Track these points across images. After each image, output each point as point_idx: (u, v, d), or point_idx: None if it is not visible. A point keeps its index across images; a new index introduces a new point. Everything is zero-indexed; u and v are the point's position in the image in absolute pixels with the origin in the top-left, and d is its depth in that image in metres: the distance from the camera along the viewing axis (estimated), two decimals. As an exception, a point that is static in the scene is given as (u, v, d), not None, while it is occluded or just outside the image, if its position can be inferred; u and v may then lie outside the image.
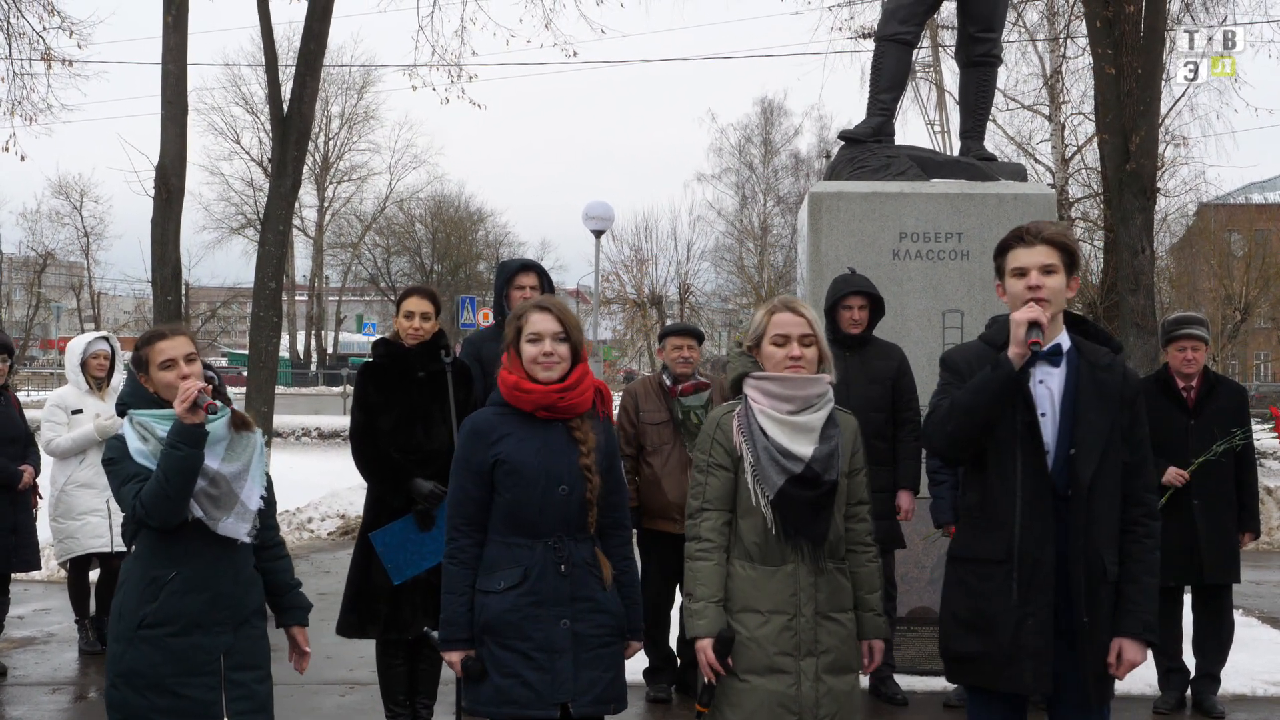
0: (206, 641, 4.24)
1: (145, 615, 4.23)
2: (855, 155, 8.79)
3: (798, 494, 4.05)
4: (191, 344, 4.35)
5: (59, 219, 55.19)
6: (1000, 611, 4.02)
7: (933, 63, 29.60)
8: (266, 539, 4.52)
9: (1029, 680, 4.02)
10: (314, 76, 15.56)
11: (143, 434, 4.24)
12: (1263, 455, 19.84)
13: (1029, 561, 4.01)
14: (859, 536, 4.25)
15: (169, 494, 4.09)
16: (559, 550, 4.17)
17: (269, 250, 15.37)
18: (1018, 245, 4.13)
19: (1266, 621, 9.84)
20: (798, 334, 4.15)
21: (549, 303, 4.32)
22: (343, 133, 61.51)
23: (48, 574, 11.06)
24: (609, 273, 49.18)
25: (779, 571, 4.11)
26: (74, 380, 8.61)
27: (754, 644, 4.07)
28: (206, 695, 4.23)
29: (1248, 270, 38.19)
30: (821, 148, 48.15)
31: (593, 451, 4.23)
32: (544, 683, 4.11)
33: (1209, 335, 7.24)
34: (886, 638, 4.26)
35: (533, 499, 4.16)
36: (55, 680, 7.93)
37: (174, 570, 4.24)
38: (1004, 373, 3.96)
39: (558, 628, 4.14)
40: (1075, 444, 4.04)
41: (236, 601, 4.33)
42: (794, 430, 4.10)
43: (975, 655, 4.09)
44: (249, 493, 4.32)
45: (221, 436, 4.27)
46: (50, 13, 17.09)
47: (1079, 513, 4.01)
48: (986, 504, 4.11)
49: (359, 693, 7.33)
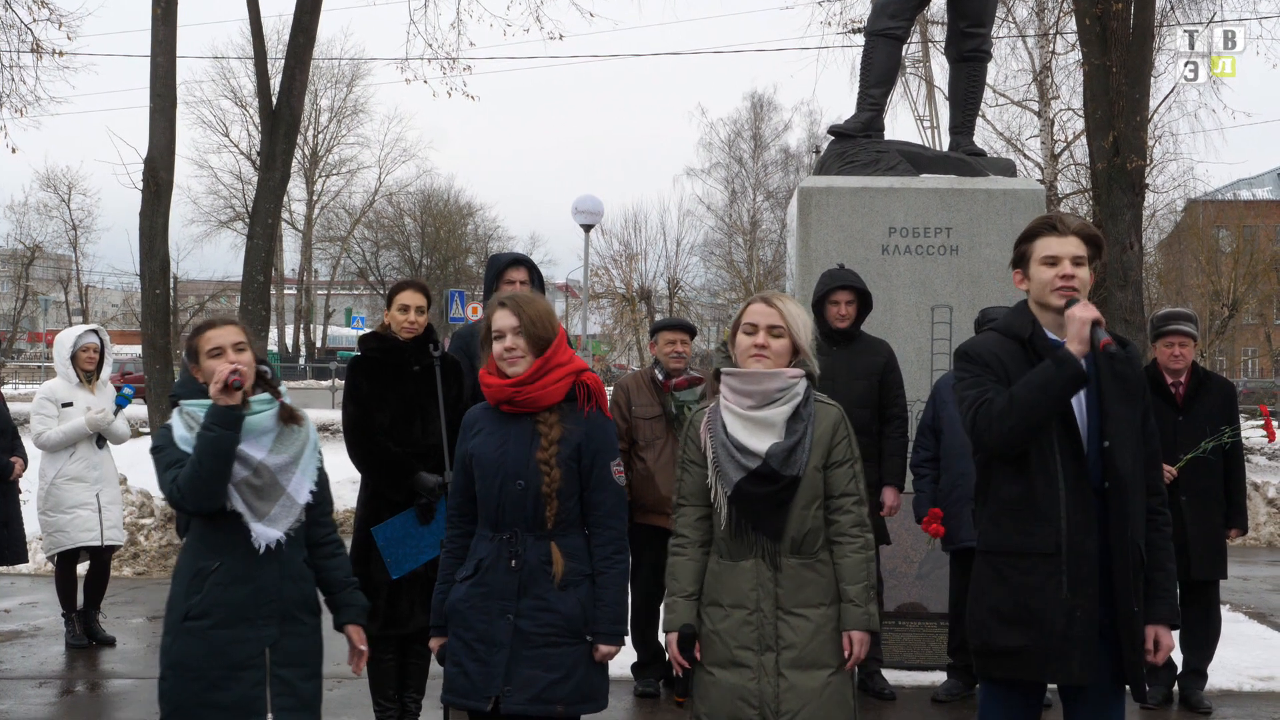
0: (250, 634, 4.22)
1: (190, 607, 4.23)
2: (845, 150, 8.80)
3: (754, 490, 4.05)
4: (241, 333, 4.34)
5: (47, 211, 55.11)
6: (1050, 604, 3.99)
7: (923, 58, 29.69)
8: (319, 536, 4.49)
9: (1076, 671, 4.00)
10: (303, 70, 15.56)
11: (189, 423, 4.25)
12: (1250, 451, 19.87)
13: (1076, 553, 3.99)
14: (843, 528, 4.17)
15: (203, 475, 4.10)
16: (511, 544, 4.19)
17: (257, 244, 15.37)
18: (1049, 234, 4.10)
19: (1253, 617, 9.87)
20: (765, 324, 4.13)
21: (509, 298, 4.29)
22: (332, 126, 61.41)
23: (35, 567, 11.04)
24: (598, 267, 49.24)
25: (738, 566, 4.13)
26: (64, 373, 8.56)
27: (717, 637, 4.11)
28: (250, 691, 4.21)
29: (1236, 266, 38.32)
30: (811, 143, 48.15)
31: (553, 444, 4.18)
32: (480, 674, 4.16)
33: (1197, 331, 7.25)
34: (871, 630, 4.17)
35: (490, 493, 4.19)
36: (42, 674, 7.90)
37: (218, 561, 4.24)
38: (1072, 371, 3.90)
39: (501, 621, 4.15)
40: (1109, 437, 4.02)
41: (281, 595, 4.30)
42: (753, 425, 4.10)
43: (1020, 649, 4.04)
44: (297, 485, 4.31)
45: (269, 428, 4.28)
46: (40, 4, 17.05)
47: (1120, 504, 4.01)
48: (1030, 497, 4.06)
49: (347, 686, 7.31)
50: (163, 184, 14.64)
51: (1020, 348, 4.12)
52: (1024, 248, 4.18)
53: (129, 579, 11.16)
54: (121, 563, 11.08)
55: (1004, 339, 4.19)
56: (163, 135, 14.61)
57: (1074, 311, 3.95)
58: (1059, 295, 4.03)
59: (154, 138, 14.59)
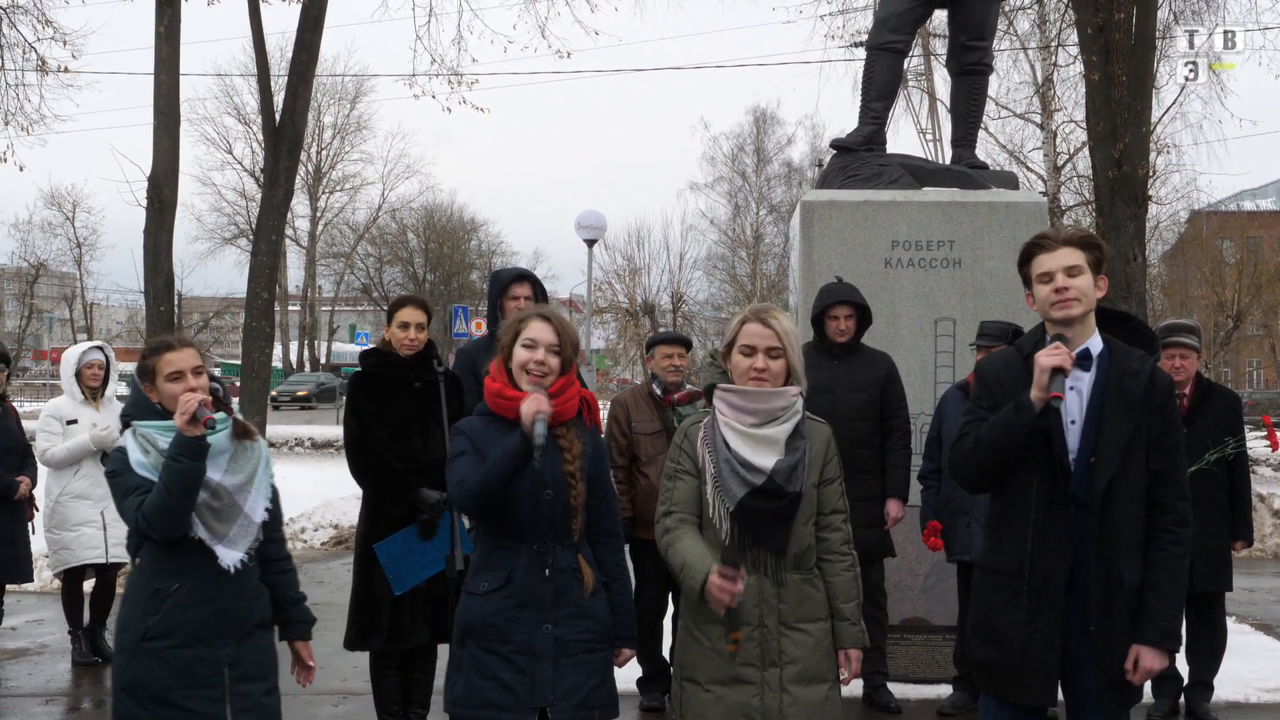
0: (209, 654, 4.23)
1: (148, 628, 4.22)
2: (847, 164, 8.81)
3: (758, 506, 4.05)
4: (199, 357, 4.32)
5: (51, 229, 55.19)
6: (1010, 624, 4.06)
7: (924, 71, 29.73)
8: (272, 552, 4.50)
9: (1038, 692, 4.05)
10: (306, 86, 15.61)
11: (145, 446, 4.22)
12: (1256, 462, 19.85)
13: (1040, 575, 4.02)
14: (834, 546, 4.21)
15: (170, 506, 4.08)
16: (543, 555, 4.19)
17: (261, 260, 15.41)
18: (1039, 252, 4.14)
19: (1259, 628, 9.85)
20: (764, 346, 4.12)
21: (552, 314, 4.33)
22: (335, 142, 61.63)
23: (41, 585, 11.05)
24: (601, 282, 49.25)
25: None
26: (69, 390, 8.57)
27: (717, 655, 4.08)
28: (210, 708, 4.21)
29: (1239, 277, 38.24)
30: (814, 156, 48.23)
31: (577, 459, 4.25)
32: (523, 686, 4.12)
33: (1200, 343, 7.24)
34: (864, 646, 4.22)
35: (521, 503, 4.18)
36: (48, 691, 7.90)
37: (176, 582, 4.23)
38: (1026, 419, 3.96)
39: (540, 632, 4.15)
40: (1096, 453, 4.04)
41: (240, 614, 4.32)
42: (756, 443, 4.09)
43: (990, 664, 4.13)
44: (253, 504, 4.31)
45: (224, 448, 4.26)
46: (44, 23, 17.12)
47: (1095, 521, 4.02)
48: (1004, 516, 4.14)
49: (352, 703, 7.32)
50: (166, 201, 14.68)
51: (1025, 366, 4.15)
52: (1024, 271, 4.22)
53: (134, 596, 11.15)
54: (127, 579, 11.07)
55: (1016, 355, 4.24)
56: (166, 152, 14.67)
57: (1039, 357, 3.97)
58: (1057, 309, 4.07)
59: (158, 155, 14.64)
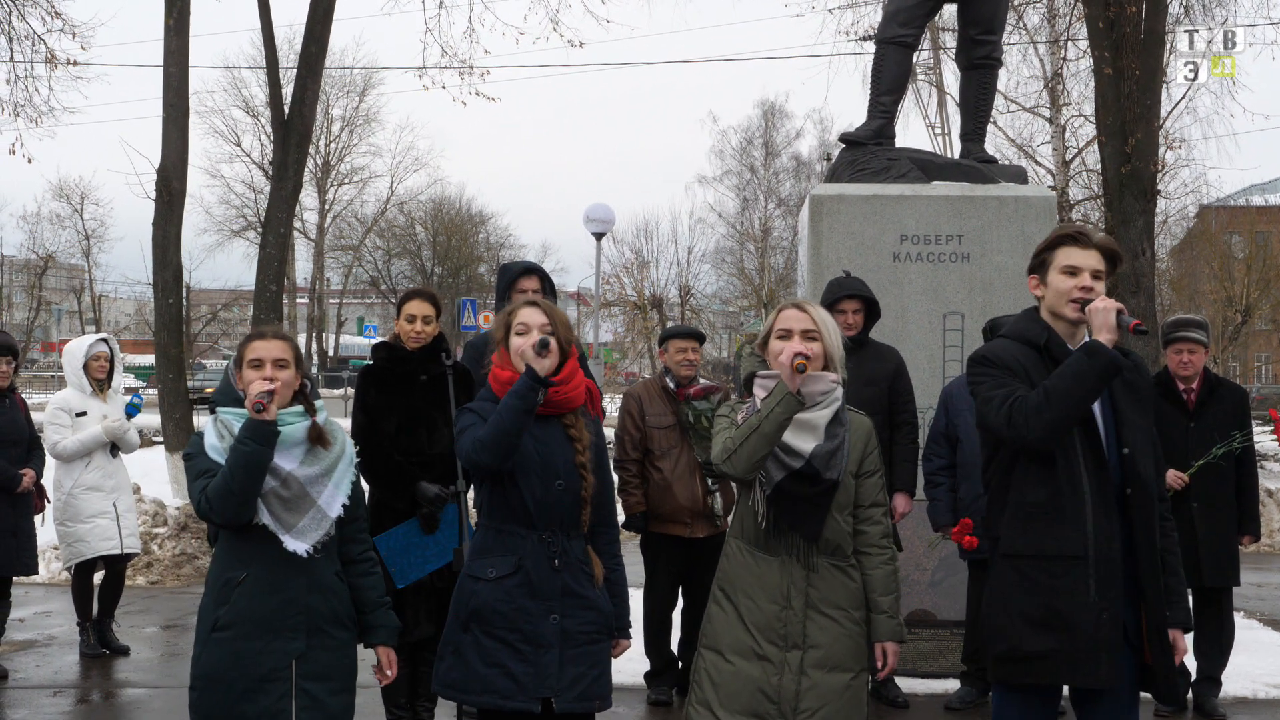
0: (277, 646, 4.17)
1: (218, 618, 4.19)
2: (856, 158, 8.79)
3: (795, 489, 4.09)
4: (287, 350, 4.28)
5: (60, 221, 55.30)
6: (1079, 607, 4.01)
7: (933, 65, 29.65)
8: (353, 553, 4.42)
9: (1104, 673, 4.02)
10: (315, 79, 15.60)
11: (221, 431, 4.22)
12: (1263, 457, 19.82)
13: (1102, 558, 4.02)
14: (873, 539, 4.26)
15: (233, 489, 4.05)
16: (551, 545, 4.20)
17: (270, 253, 15.40)
18: (1071, 244, 4.13)
19: (1268, 624, 9.83)
20: (800, 329, 4.18)
21: (540, 300, 4.38)
22: (344, 135, 61.41)
23: (49, 576, 11.08)
24: (610, 275, 49.19)
25: (774, 561, 4.17)
26: (76, 383, 8.57)
27: (743, 627, 4.13)
28: (276, 704, 4.16)
29: (1248, 272, 38.08)
30: (822, 150, 48.15)
31: (587, 449, 4.27)
32: (528, 675, 4.13)
33: (1208, 338, 7.23)
34: (901, 640, 4.27)
35: (531, 491, 4.18)
36: (56, 683, 7.93)
37: (245, 572, 4.20)
38: (1105, 359, 3.92)
39: (547, 621, 4.16)
40: (1127, 444, 4.07)
41: (309, 607, 4.23)
42: (797, 426, 4.10)
43: (1048, 653, 4.05)
44: (329, 499, 4.24)
45: (300, 439, 4.23)
46: (53, 15, 17.13)
47: (1143, 510, 4.05)
48: (1056, 501, 4.08)
49: (359, 695, 7.30)
50: (175, 194, 14.68)
51: (1037, 353, 4.14)
52: (1045, 255, 4.20)
53: (142, 588, 11.17)
54: (135, 572, 11.09)
55: (1020, 345, 4.20)
56: (175, 145, 14.66)
57: (1096, 304, 3.99)
58: (1073, 307, 4.07)
59: (166, 147, 14.63)
